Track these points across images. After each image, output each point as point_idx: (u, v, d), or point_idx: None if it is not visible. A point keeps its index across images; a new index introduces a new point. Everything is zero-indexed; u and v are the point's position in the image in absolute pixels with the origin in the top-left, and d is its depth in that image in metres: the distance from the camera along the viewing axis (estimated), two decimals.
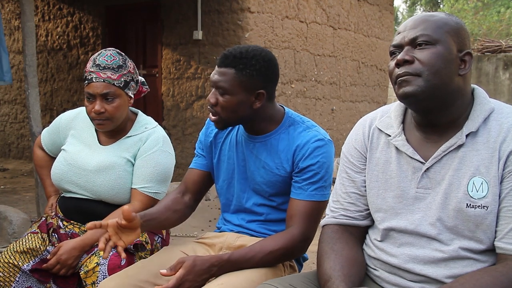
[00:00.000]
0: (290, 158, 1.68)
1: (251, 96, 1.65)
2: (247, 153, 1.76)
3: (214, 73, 1.67)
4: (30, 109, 4.20)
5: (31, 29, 4.23)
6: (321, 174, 1.65)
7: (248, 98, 1.65)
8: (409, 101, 1.31)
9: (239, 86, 1.63)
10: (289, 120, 1.74)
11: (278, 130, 1.73)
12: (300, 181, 1.66)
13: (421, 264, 1.30)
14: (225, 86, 1.63)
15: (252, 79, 1.63)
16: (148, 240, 1.99)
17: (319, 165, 1.65)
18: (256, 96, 1.66)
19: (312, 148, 1.65)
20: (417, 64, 1.27)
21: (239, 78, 1.62)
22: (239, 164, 1.78)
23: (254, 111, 1.68)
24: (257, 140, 1.74)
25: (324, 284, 1.31)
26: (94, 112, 1.92)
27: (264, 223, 1.75)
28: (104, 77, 1.92)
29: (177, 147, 6.21)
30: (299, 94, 6.84)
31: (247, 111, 1.67)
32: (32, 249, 1.94)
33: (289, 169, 1.69)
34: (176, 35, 6.44)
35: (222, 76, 1.64)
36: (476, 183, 1.26)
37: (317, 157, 1.65)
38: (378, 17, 8.44)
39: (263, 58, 1.66)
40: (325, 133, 1.72)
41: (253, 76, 1.63)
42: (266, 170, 1.71)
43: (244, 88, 1.63)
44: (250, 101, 1.65)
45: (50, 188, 2.23)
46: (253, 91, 1.65)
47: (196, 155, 1.92)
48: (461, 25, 1.31)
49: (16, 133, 8.48)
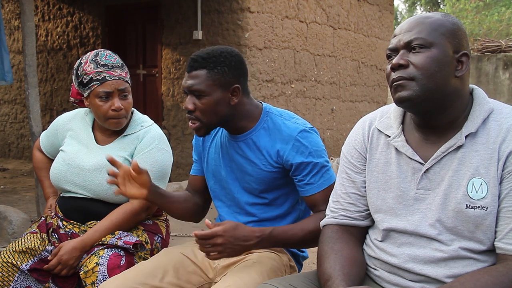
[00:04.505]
0: (274, 154, 1.69)
1: (227, 92, 1.66)
2: (233, 153, 1.77)
3: (186, 80, 1.67)
4: (30, 109, 4.20)
5: (31, 29, 4.23)
6: (319, 161, 1.66)
7: (224, 95, 1.66)
8: (405, 106, 1.32)
9: (214, 85, 1.64)
10: (266, 115, 1.75)
11: (257, 127, 1.73)
12: (302, 178, 1.67)
13: (421, 263, 1.30)
14: (201, 88, 1.64)
15: (225, 75, 1.65)
16: (148, 240, 1.99)
17: (312, 155, 1.66)
18: (232, 92, 1.67)
19: (298, 142, 1.66)
20: (411, 68, 1.27)
21: (212, 77, 1.64)
22: (226, 165, 1.79)
23: (232, 108, 1.69)
24: (239, 140, 1.75)
25: (324, 283, 1.32)
26: (115, 109, 1.94)
27: (259, 223, 1.75)
28: (117, 75, 1.95)
29: (177, 147, 6.21)
30: (299, 94, 6.84)
31: (226, 110, 1.67)
32: (31, 248, 1.94)
33: (275, 164, 1.70)
34: (176, 35, 6.44)
35: (195, 79, 1.64)
36: (475, 184, 1.26)
37: (306, 150, 1.66)
38: (378, 17, 8.44)
39: (230, 53, 1.68)
40: (304, 122, 1.73)
41: (225, 72, 1.65)
42: (253, 167, 1.72)
43: (219, 86, 1.65)
44: (227, 98, 1.67)
45: (49, 189, 2.24)
46: (228, 87, 1.66)
47: (194, 161, 1.95)
48: (457, 26, 1.31)
49: (16, 133, 8.48)
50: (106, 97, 1.94)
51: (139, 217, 1.98)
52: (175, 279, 1.65)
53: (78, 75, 1.98)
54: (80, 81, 1.97)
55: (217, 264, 1.72)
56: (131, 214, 1.94)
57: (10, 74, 4.43)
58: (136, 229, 2.00)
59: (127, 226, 1.95)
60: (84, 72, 1.95)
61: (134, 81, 2.44)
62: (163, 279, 1.62)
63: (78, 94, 2.09)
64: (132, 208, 1.94)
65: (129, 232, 1.94)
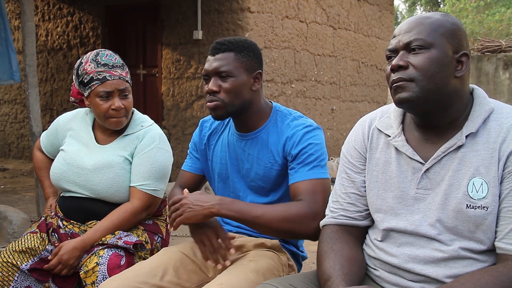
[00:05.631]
0: (281, 150, 1.70)
1: (251, 77, 1.71)
2: (239, 151, 1.77)
3: (211, 62, 1.69)
4: (30, 109, 4.20)
5: (31, 29, 4.23)
6: (315, 155, 1.66)
7: (249, 79, 1.71)
8: (405, 107, 1.32)
9: (241, 67, 1.69)
10: (276, 113, 1.77)
11: (267, 125, 1.75)
12: (295, 166, 1.66)
13: (421, 263, 1.30)
14: (229, 69, 1.67)
15: (251, 59, 1.71)
16: (148, 240, 1.99)
17: (311, 147, 1.66)
18: (255, 77, 1.72)
19: (302, 134, 1.68)
20: (411, 69, 1.27)
21: (240, 59, 1.69)
22: (232, 163, 1.79)
23: (252, 95, 1.72)
24: (248, 137, 1.76)
25: (324, 283, 1.32)
26: (116, 108, 1.95)
27: None
28: (118, 75, 1.96)
29: (177, 147, 6.21)
30: (299, 94, 6.84)
31: (247, 94, 1.71)
32: (31, 248, 1.94)
33: (280, 161, 1.70)
34: (176, 35, 6.44)
35: (223, 60, 1.68)
36: (476, 184, 1.25)
37: (307, 141, 1.67)
38: (378, 17, 8.44)
39: (252, 42, 1.75)
40: (313, 121, 1.75)
41: (251, 57, 1.71)
42: (259, 165, 1.73)
43: (245, 69, 1.70)
44: (250, 82, 1.71)
45: (49, 189, 2.25)
46: (252, 71, 1.71)
47: (189, 156, 1.93)
48: (457, 26, 1.30)
49: (16, 133, 8.49)
50: (106, 96, 1.94)
51: (139, 217, 1.98)
52: (175, 278, 1.65)
53: (78, 74, 1.98)
54: (81, 81, 1.97)
55: None
56: (131, 214, 1.94)
57: (18, 73, 4.46)
58: (136, 229, 2.00)
59: (127, 226, 1.95)
60: (85, 72, 1.95)
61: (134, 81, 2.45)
62: (163, 278, 1.62)
63: (78, 93, 2.09)
64: (132, 207, 1.94)
65: (129, 232, 1.94)
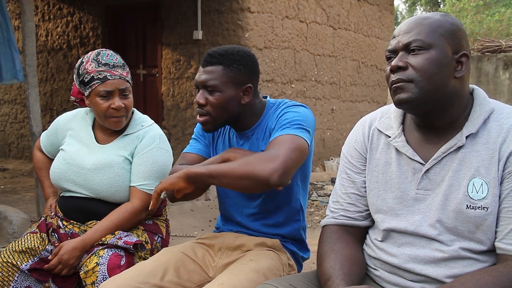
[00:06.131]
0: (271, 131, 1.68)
1: (240, 91, 1.68)
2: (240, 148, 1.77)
3: (200, 74, 1.68)
4: (30, 109, 4.20)
5: (31, 29, 4.23)
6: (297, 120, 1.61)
7: (237, 93, 1.67)
8: (405, 107, 1.32)
9: (228, 82, 1.66)
10: (270, 106, 1.76)
11: (262, 120, 1.75)
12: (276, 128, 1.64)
13: (421, 264, 1.30)
14: (215, 84, 1.65)
15: (240, 73, 1.67)
16: (148, 240, 1.99)
17: (293, 114, 1.63)
18: (244, 91, 1.69)
19: (285, 107, 1.68)
20: (410, 70, 1.27)
21: (227, 74, 1.65)
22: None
23: (242, 107, 1.70)
24: (244, 136, 1.77)
25: (324, 283, 1.32)
26: (116, 108, 1.95)
27: (262, 214, 1.76)
28: (118, 74, 1.96)
29: (177, 147, 6.21)
30: (299, 94, 6.83)
31: (236, 108, 1.69)
32: (31, 248, 1.94)
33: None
34: (176, 35, 6.44)
35: (210, 74, 1.66)
36: (476, 184, 1.26)
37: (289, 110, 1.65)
38: (378, 17, 8.44)
39: (246, 53, 1.70)
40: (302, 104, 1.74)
41: (240, 71, 1.67)
42: None
43: (233, 83, 1.66)
44: (239, 96, 1.68)
45: (48, 189, 2.25)
46: (241, 85, 1.68)
47: (196, 140, 1.88)
48: (457, 26, 1.30)
49: (16, 133, 8.49)
50: (106, 96, 1.95)
51: (139, 217, 1.98)
52: (176, 278, 1.65)
53: (79, 74, 1.98)
54: (81, 80, 1.97)
55: (216, 262, 1.73)
56: (131, 214, 1.94)
57: (21, 72, 4.47)
58: (136, 229, 2.00)
59: (127, 226, 1.95)
60: (85, 71, 1.96)
61: (134, 81, 2.44)
62: (163, 278, 1.62)
63: (79, 93, 2.10)
64: (132, 207, 1.95)
65: (129, 232, 1.94)
